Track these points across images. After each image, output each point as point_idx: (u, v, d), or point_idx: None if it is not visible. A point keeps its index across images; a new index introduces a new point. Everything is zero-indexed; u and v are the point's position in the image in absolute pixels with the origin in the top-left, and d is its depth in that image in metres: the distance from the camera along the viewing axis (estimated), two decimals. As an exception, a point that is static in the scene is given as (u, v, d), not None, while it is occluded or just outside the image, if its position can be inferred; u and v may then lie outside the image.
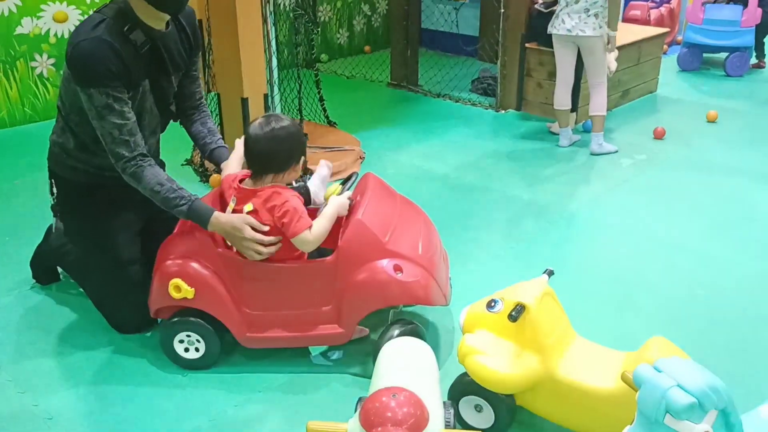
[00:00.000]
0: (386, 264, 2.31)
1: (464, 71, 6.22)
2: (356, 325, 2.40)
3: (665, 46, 7.12)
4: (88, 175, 2.58)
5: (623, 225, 3.67)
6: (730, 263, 3.27)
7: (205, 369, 2.49)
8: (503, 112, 5.52)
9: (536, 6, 5.08)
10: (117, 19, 2.34)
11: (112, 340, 2.66)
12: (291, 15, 4.62)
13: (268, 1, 4.02)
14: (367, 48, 7.35)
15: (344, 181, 2.63)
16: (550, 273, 2.35)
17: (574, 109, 4.91)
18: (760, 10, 6.32)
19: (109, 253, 2.58)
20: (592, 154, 4.62)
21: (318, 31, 4.76)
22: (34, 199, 3.81)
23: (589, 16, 4.34)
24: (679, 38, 7.24)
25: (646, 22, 6.91)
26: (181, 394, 2.39)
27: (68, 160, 2.58)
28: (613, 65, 4.71)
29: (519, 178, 4.28)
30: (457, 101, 5.78)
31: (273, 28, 4.12)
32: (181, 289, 2.35)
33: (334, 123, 4.99)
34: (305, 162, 2.54)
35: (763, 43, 6.51)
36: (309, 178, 2.79)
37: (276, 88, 4.28)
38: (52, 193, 2.72)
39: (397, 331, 2.31)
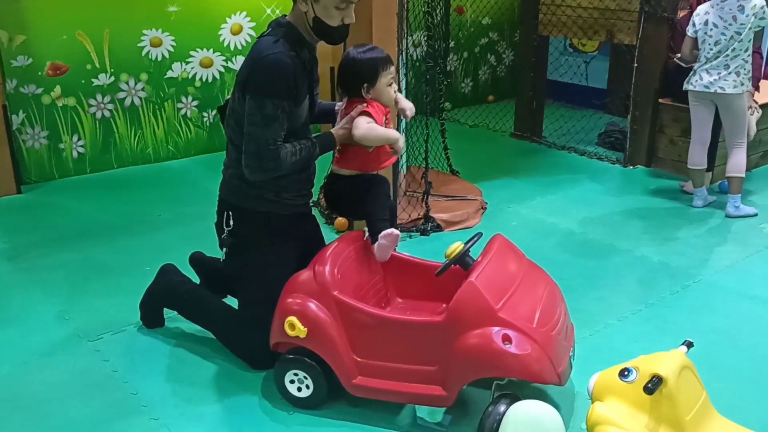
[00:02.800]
0: (495, 332, 2.24)
1: (591, 124, 6.10)
2: (459, 391, 2.34)
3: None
4: (270, 203, 2.68)
5: (765, 296, 3.43)
6: None
7: (312, 409, 2.53)
8: (632, 167, 5.35)
9: (675, 59, 4.92)
10: (288, 39, 2.55)
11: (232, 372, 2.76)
12: (423, 66, 4.72)
13: (401, 53, 4.15)
14: (490, 98, 7.38)
15: (468, 241, 2.61)
16: (690, 345, 2.23)
17: (710, 168, 4.69)
18: None
19: (274, 286, 2.60)
20: (728, 216, 4.38)
21: (448, 82, 4.83)
22: (176, 230, 4.06)
23: (729, 72, 4.17)
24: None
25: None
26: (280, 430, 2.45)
27: (250, 190, 2.66)
28: (753, 127, 4.49)
29: (649, 237, 4.12)
30: (582, 154, 5.67)
31: (404, 78, 4.25)
32: (295, 327, 2.42)
33: (457, 172, 5.01)
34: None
35: None
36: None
37: (402, 135, 4.38)
38: (227, 225, 2.72)
39: (503, 407, 2.23)
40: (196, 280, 3.14)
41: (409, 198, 4.38)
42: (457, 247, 2.57)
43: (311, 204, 2.97)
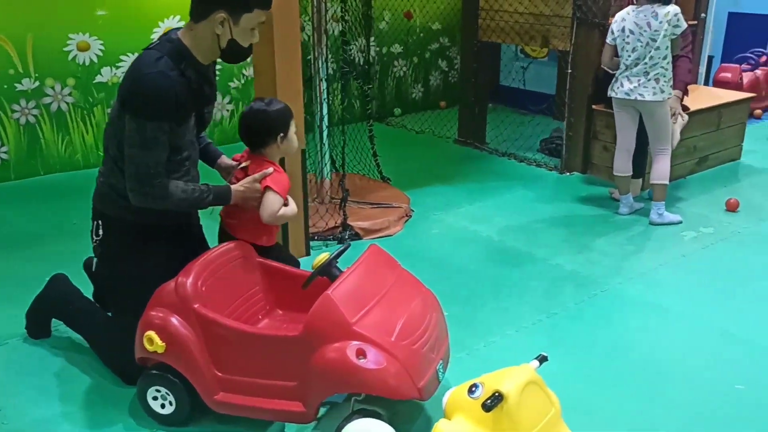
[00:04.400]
0: (350, 347, 2.18)
1: (537, 130, 6.09)
2: (318, 407, 2.30)
3: (759, 111, 6.72)
4: (140, 213, 2.61)
5: (671, 306, 3.39)
6: (784, 358, 2.95)
7: (177, 427, 2.48)
8: (568, 174, 5.32)
9: (603, 66, 4.90)
10: (173, 57, 2.46)
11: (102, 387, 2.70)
12: (339, 74, 4.67)
13: (316, 59, 4.11)
14: (442, 103, 7.35)
15: (336, 252, 2.57)
16: (543, 359, 2.19)
17: (638, 175, 4.66)
18: None
19: (142, 298, 2.53)
20: (652, 224, 4.34)
21: (370, 87, 4.79)
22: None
23: (649, 80, 4.14)
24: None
25: (738, 86, 6.52)
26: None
27: (119, 199, 2.61)
28: (678, 134, 4.46)
29: (568, 245, 4.08)
30: (522, 161, 5.64)
31: (325, 86, 4.20)
32: (153, 342, 2.36)
33: (388, 179, 4.97)
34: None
35: None
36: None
37: (326, 143, 4.34)
38: (97, 234, 2.70)
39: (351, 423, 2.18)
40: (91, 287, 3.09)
41: (327, 206, 4.34)
42: (323, 258, 2.53)
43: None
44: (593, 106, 5.12)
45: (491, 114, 6.25)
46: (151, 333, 2.38)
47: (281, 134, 2.69)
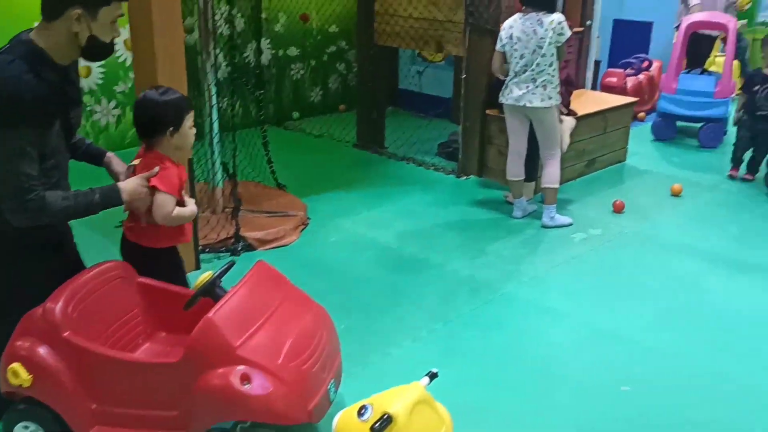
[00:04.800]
0: (233, 372, 2.08)
1: (435, 134, 6.14)
2: None
3: (642, 114, 7.03)
4: (16, 228, 2.39)
5: (561, 309, 3.47)
6: (667, 358, 3.07)
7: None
8: (464, 178, 5.38)
9: (493, 72, 4.98)
10: (27, 59, 2.24)
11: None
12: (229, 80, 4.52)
13: (204, 63, 3.96)
14: (341, 107, 7.29)
15: (219, 270, 2.45)
16: (433, 376, 2.16)
17: (531, 179, 4.76)
18: (734, 82, 6.23)
19: (9, 323, 2.37)
20: (544, 227, 4.45)
21: (261, 93, 4.67)
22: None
23: (537, 86, 4.23)
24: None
25: (622, 89, 6.80)
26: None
27: None
28: (567, 138, 4.59)
29: (463, 250, 4.11)
30: (420, 165, 5.66)
31: (215, 90, 4.05)
32: (18, 375, 2.17)
33: (284, 186, 4.86)
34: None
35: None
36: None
37: (216, 150, 4.19)
38: None
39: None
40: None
41: (219, 216, 4.19)
42: (205, 277, 2.41)
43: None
44: (487, 111, 5.20)
45: (390, 118, 6.25)
46: (16, 366, 2.19)
47: (171, 128, 2.50)
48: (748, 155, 5.28)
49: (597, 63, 7.07)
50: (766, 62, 5.00)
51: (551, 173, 4.43)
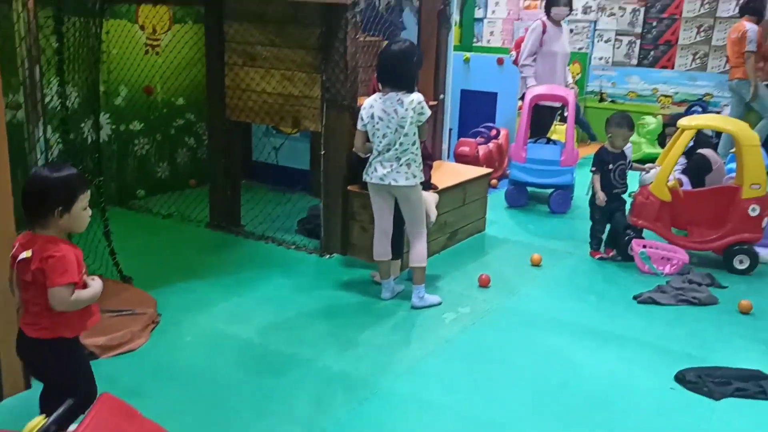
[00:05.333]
0: None
1: (295, 209, 5.91)
2: None
3: (495, 181, 7.22)
4: None
5: (441, 402, 3.30)
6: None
7: None
8: (328, 256, 5.17)
9: (356, 151, 4.87)
10: None
11: None
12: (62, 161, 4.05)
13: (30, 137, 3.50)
14: (192, 182, 6.88)
15: (53, 413, 2.04)
16: None
17: (397, 256, 4.63)
18: (577, 150, 6.56)
19: None
20: (414, 308, 4.31)
21: (100, 181, 4.22)
22: None
23: (401, 165, 4.14)
24: (509, 172, 7.35)
25: (475, 159, 6.97)
26: None
27: None
28: (433, 213, 4.54)
29: (333, 341, 3.86)
30: (281, 244, 5.37)
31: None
32: None
33: (130, 278, 4.38)
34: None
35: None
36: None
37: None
38: None
39: None
40: None
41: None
42: (37, 423, 1.99)
43: None
44: (348, 187, 5.06)
45: (246, 193, 5.93)
46: None
47: (60, 207, 2.31)
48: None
49: (449, 131, 7.22)
50: (610, 141, 5.20)
51: (419, 252, 4.32)
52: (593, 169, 5.20)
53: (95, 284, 2.45)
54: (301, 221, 5.73)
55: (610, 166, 5.14)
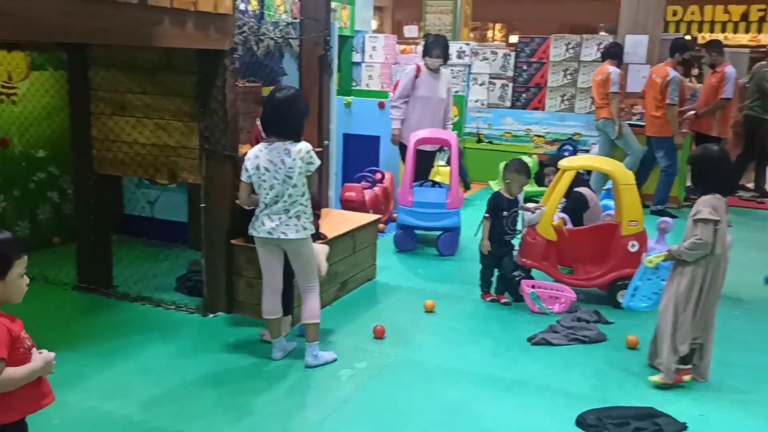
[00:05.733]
0: None
1: (174, 265, 5.52)
2: None
3: (382, 226, 7.14)
4: None
5: (343, 470, 3.08)
6: None
7: None
8: (212, 316, 4.83)
9: (241, 204, 4.61)
10: None
11: None
12: None
13: None
14: (56, 239, 6.31)
15: None
16: None
17: (288, 312, 4.39)
18: (462, 193, 6.62)
19: None
20: (308, 367, 4.08)
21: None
22: None
23: (290, 217, 3.95)
24: (395, 215, 7.30)
25: (362, 204, 6.88)
26: None
27: None
28: (324, 265, 4.35)
29: (223, 412, 3.55)
30: (159, 305, 4.97)
31: None
32: None
33: (-16, 356, 3.86)
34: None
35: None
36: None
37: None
38: None
39: None
40: None
41: None
42: None
43: None
44: (232, 241, 4.77)
45: (118, 250, 5.48)
46: None
47: None
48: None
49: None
50: (507, 187, 5.20)
51: (312, 308, 4.11)
52: (487, 215, 5.14)
53: (37, 360, 2.28)
54: (180, 278, 5.36)
55: (505, 213, 5.13)
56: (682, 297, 3.90)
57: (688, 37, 11.07)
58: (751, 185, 9.98)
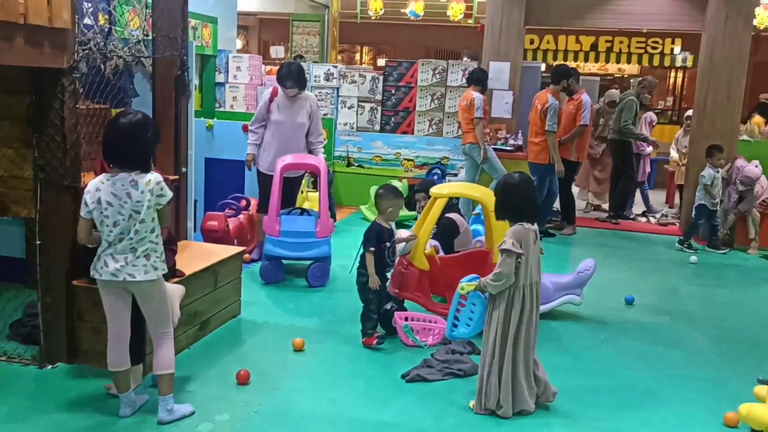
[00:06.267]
0: None
1: (8, 307, 4.86)
2: None
3: (248, 256, 6.75)
4: None
5: None
6: None
7: None
8: (51, 367, 4.26)
9: (81, 242, 4.10)
10: None
11: None
12: None
13: None
14: None
15: None
16: None
17: (138, 360, 3.94)
18: (331, 221, 6.38)
19: None
20: (161, 423, 3.64)
21: None
22: None
23: (138, 257, 3.52)
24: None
25: (225, 234, 6.47)
26: None
27: None
28: (177, 309, 3.94)
29: (57, 487, 3.06)
30: (-13, 356, 4.34)
31: None
32: None
33: None
34: None
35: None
36: None
37: None
38: None
39: None
40: None
41: None
42: None
43: None
44: (74, 282, 4.24)
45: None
46: None
47: None
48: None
49: (195, 203, 6.64)
50: (389, 215, 4.91)
51: (165, 357, 3.69)
52: (372, 248, 4.79)
53: None
54: (14, 324, 4.72)
55: (387, 244, 4.90)
56: (496, 327, 3.85)
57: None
58: (605, 206, 10.49)
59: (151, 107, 5.17)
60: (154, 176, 3.52)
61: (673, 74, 17.39)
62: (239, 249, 5.42)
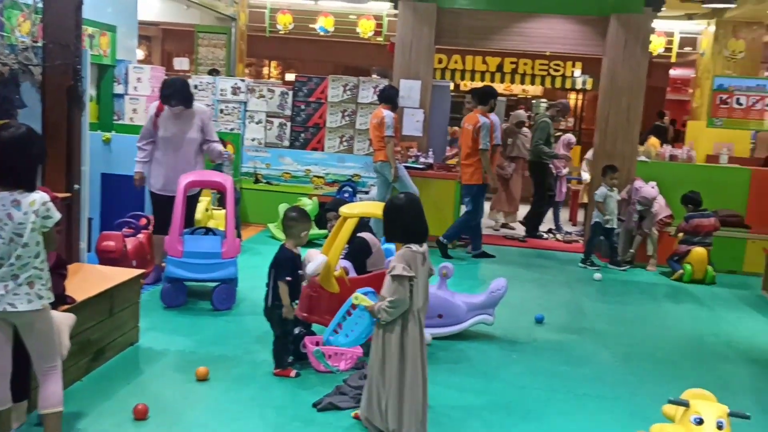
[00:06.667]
0: None
1: None
2: None
3: (142, 281, 6.36)
4: None
5: None
6: None
7: None
8: None
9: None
10: None
11: None
12: None
13: None
14: None
15: None
16: None
17: (23, 397, 3.57)
18: (238, 240, 6.11)
19: None
20: (49, 469, 3.30)
21: None
22: None
23: (20, 284, 3.18)
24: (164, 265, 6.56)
25: (123, 254, 6.07)
26: None
27: None
28: (66, 340, 3.60)
29: None
30: None
31: None
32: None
33: None
34: None
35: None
36: None
37: None
38: None
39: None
40: None
41: None
42: None
43: None
44: (-54, 312, 3.81)
45: None
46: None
47: None
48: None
49: (89, 221, 6.21)
50: (300, 239, 4.70)
51: (53, 393, 3.35)
52: (288, 278, 4.55)
53: None
54: None
55: (300, 271, 4.69)
56: (394, 351, 3.71)
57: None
58: (515, 224, 10.68)
59: (40, 119, 4.79)
60: (39, 196, 3.19)
61: (573, 96, 18.06)
62: (138, 272, 5.08)
